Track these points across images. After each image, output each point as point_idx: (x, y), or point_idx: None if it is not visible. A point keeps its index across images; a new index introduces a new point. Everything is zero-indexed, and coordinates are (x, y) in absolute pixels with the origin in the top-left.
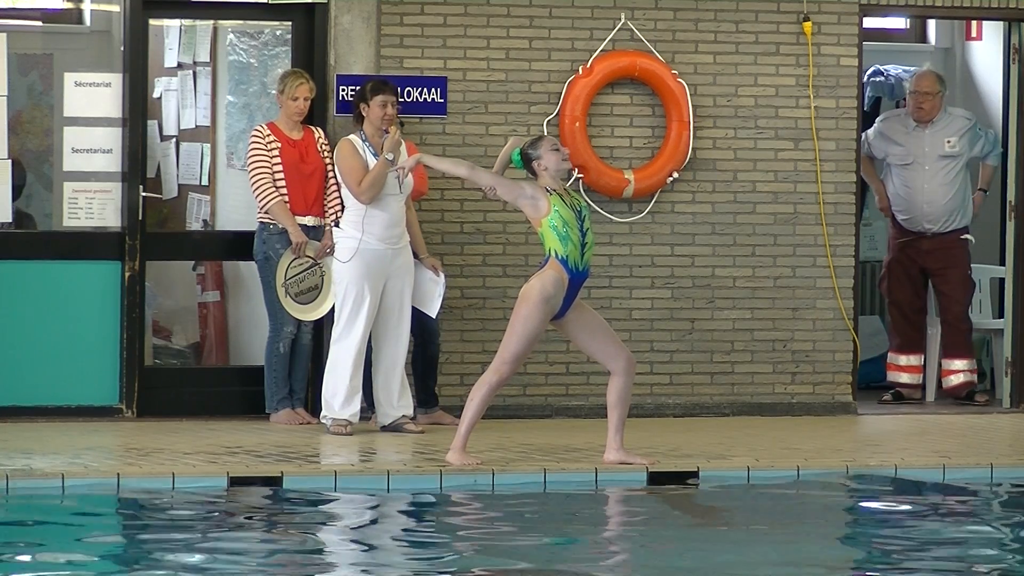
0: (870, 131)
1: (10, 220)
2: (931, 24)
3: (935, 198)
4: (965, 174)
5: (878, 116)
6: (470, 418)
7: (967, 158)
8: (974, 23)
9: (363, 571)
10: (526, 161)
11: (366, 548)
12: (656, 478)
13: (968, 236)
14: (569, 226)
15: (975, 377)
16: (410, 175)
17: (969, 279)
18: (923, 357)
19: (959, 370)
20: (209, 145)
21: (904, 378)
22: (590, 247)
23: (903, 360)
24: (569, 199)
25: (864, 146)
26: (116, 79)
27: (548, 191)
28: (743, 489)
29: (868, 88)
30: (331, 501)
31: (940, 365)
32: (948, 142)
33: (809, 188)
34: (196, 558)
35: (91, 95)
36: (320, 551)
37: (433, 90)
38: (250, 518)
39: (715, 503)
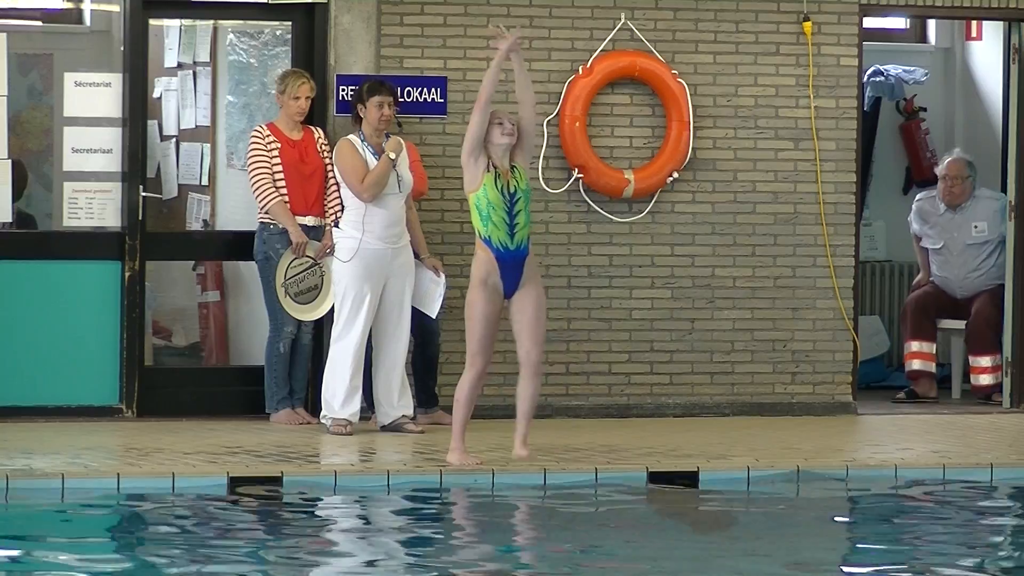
0: (912, 211)
1: (10, 220)
2: (931, 24)
3: (967, 284)
4: (998, 250)
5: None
6: (459, 418)
7: (998, 240)
8: (974, 23)
9: (362, 572)
10: None
11: (365, 548)
12: (656, 478)
13: None
14: (493, 207)
15: (1000, 377)
16: (409, 174)
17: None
18: (935, 346)
19: (986, 368)
20: (209, 145)
21: (916, 364)
22: (522, 227)
23: (915, 346)
24: (504, 181)
25: (912, 227)
26: (116, 79)
27: (489, 168)
28: (742, 489)
29: (868, 88)
30: (331, 501)
31: (967, 362)
32: (975, 227)
33: (809, 188)
34: (195, 559)
35: (91, 95)
36: (320, 551)
37: (433, 90)
38: (250, 518)
39: (714, 503)
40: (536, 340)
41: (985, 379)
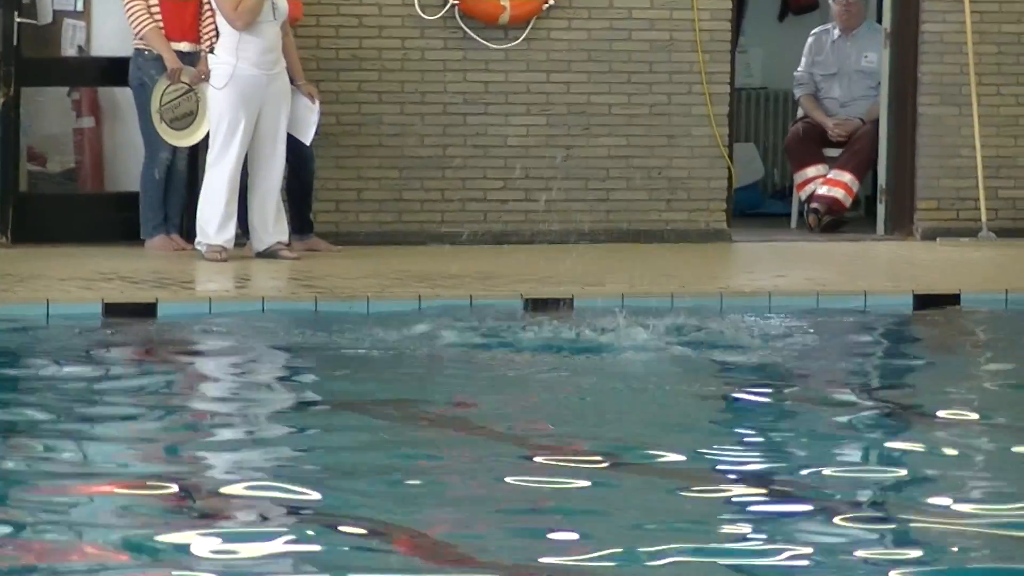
0: (805, 48)
1: None
2: None
3: (850, 110)
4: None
5: None
6: None
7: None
8: None
9: (236, 397)
10: None
11: (239, 375)
12: (536, 305)
13: None
14: None
15: (849, 202)
16: (284, 1)
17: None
18: (828, 167)
19: (842, 183)
20: None
21: (822, 189)
22: None
23: (812, 171)
24: None
25: (800, 86)
26: None
27: None
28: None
29: None
30: (206, 327)
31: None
32: (866, 57)
33: (685, 15)
34: (69, 387)
35: None
36: (194, 379)
37: None
38: (123, 345)
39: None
40: None
41: (837, 192)
